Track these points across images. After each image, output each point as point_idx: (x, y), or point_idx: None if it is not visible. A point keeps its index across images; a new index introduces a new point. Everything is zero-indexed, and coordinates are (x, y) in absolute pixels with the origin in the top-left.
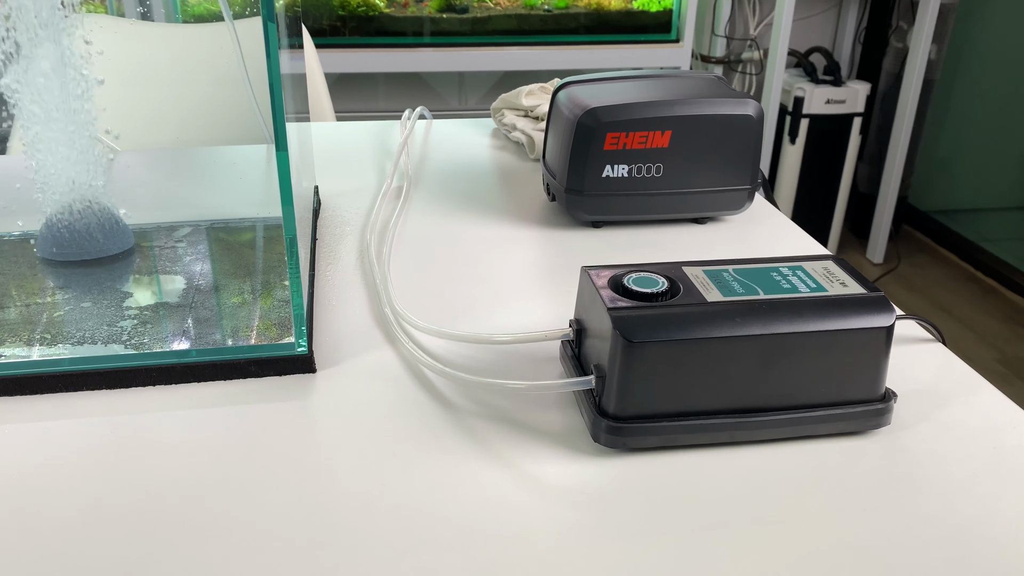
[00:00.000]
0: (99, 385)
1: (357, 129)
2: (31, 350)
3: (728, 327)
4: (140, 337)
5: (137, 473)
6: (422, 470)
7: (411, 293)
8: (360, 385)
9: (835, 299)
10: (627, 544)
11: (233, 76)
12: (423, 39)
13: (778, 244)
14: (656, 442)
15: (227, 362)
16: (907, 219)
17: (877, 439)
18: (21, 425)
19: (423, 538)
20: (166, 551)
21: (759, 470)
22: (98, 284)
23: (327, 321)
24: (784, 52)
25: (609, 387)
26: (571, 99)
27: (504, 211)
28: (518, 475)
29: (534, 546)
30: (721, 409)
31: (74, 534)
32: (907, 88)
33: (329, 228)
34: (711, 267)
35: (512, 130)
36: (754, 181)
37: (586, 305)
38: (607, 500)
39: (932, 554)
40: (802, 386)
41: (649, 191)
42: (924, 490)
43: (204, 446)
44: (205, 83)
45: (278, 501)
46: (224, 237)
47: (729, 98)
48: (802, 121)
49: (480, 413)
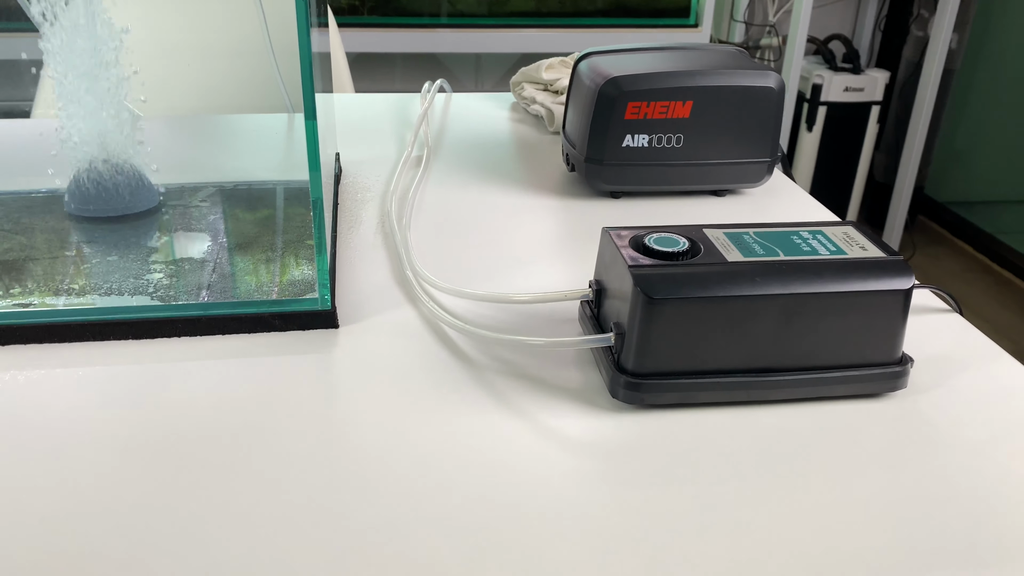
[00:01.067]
0: (126, 335)
1: (378, 101)
2: (60, 300)
3: (748, 286)
4: (166, 290)
5: (162, 419)
6: (441, 421)
7: (431, 257)
8: (381, 341)
9: (854, 261)
10: (644, 495)
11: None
12: (441, 19)
13: (796, 217)
14: (673, 399)
15: (252, 316)
16: (923, 210)
17: (893, 401)
18: (51, 371)
19: (442, 487)
20: (188, 496)
21: (776, 429)
22: (125, 240)
23: (349, 281)
24: (803, 39)
25: (628, 344)
26: (592, 68)
27: (523, 181)
28: (536, 428)
29: (551, 496)
30: (739, 368)
31: (100, 477)
32: (927, 77)
33: (350, 194)
34: (732, 229)
35: (531, 103)
36: (774, 154)
37: (606, 264)
38: (624, 454)
39: (947, 510)
40: (820, 347)
41: (669, 162)
42: (940, 451)
43: (228, 395)
44: (229, 54)
45: (299, 450)
46: (248, 198)
47: (751, 70)
48: (820, 109)
49: (499, 369)
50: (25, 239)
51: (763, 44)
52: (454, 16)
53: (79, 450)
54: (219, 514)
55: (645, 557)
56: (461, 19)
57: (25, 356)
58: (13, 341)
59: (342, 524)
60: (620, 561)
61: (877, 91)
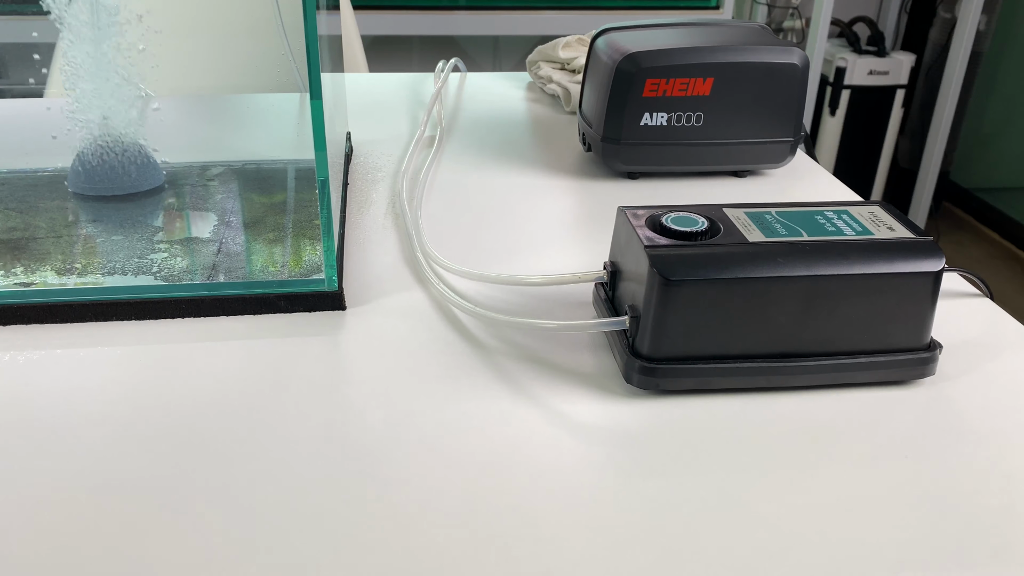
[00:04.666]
0: (129, 315)
1: (391, 80)
2: (63, 279)
3: (769, 267)
4: (170, 269)
5: (164, 401)
6: (450, 405)
7: (442, 238)
8: (389, 323)
9: (882, 243)
10: (657, 484)
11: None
12: (458, 1)
13: (821, 199)
14: (690, 384)
15: (257, 296)
16: (948, 195)
17: (921, 389)
18: (53, 351)
19: (451, 470)
20: (191, 478)
21: (797, 416)
22: (129, 218)
23: (357, 262)
24: (827, 21)
25: (644, 327)
26: (610, 45)
27: (538, 162)
28: (548, 413)
29: (562, 483)
30: (759, 353)
31: (103, 458)
32: (953, 60)
33: (361, 174)
34: (753, 209)
35: (548, 82)
36: (797, 134)
37: (622, 246)
38: (638, 440)
39: (976, 503)
40: (844, 332)
41: (688, 141)
42: (969, 440)
43: (232, 376)
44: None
45: (304, 432)
46: (255, 178)
47: (774, 46)
48: (843, 92)
49: (510, 353)
50: (29, 218)
51: (786, 26)
52: None
53: (80, 431)
54: (222, 496)
55: (659, 547)
56: (478, 1)
57: (26, 336)
58: (14, 321)
59: (347, 508)
60: (633, 551)
61: (902, 74)
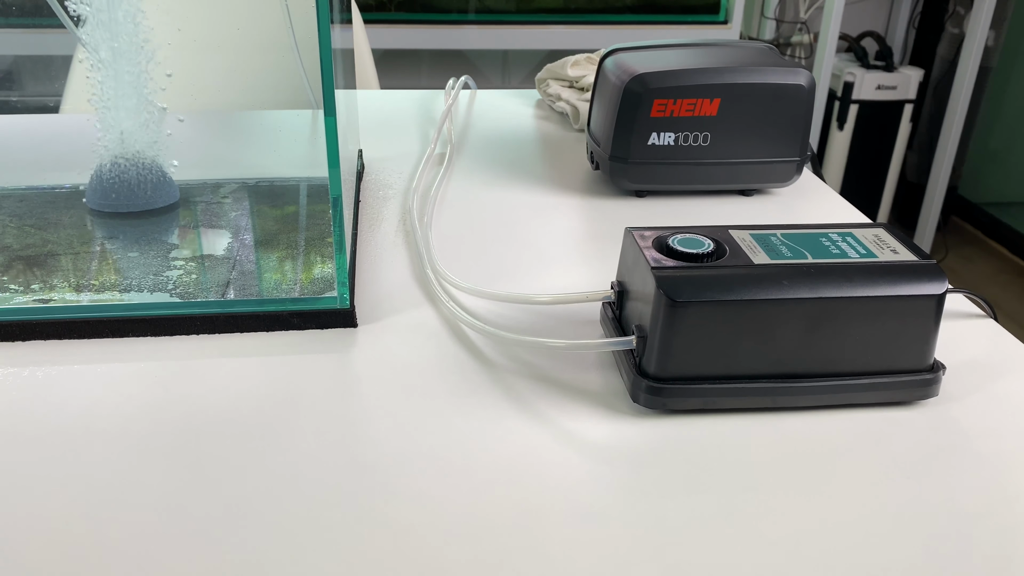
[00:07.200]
0: (144, 332)
1: (402, 97)
2: (80, 296)
3: (775, 290)
4: (185, 287)
5: (179, 417)
6: (459, 423)
7: (452, 256)
8: (400, 340)
9: (885, 265)
10: (664, 503)
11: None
12: (468, 16)
13: (826, 219)
14: (696, 404)
15: (270, 313)
16: (956, 210)
17: (924, 410)
18: (71, 367)
19: (458, 489)
20: (204, 494)
21: (801, 436)
22: (145, 235)
23: (369, 280)
24: (835, 36)
25: (650, 347)
26: (618, 65)
27: (546, 179)
28: (555, 432)
29: (569, 502)
30: (764, 374)
31: (118, 473)
32: (962, 75)
33: (372, 191)
34: (758, 231)
35: (557, 100)
36: (804, 153)
37: (629, 266)
38: (645, 459)
39: (980, 525)
40: (848, 353)
41: (696, 160)
42: (972, 462)
43: (245, 394)
44: (253, 49)
45: (316, 449)
46: (269, 195)
47: (780, 67)
48: (851, 107)
49: (519, 371)
50: (48, 234)
51: (794, 41)
52: (481, 12)
53: (97, 447)
54: (234, 512)
55: (665, 566)
56: (488, 15)
57: (45, 352)
58: (33, 337)
59: (358, 524)
60: (639, 570)
61: (910, 89)
